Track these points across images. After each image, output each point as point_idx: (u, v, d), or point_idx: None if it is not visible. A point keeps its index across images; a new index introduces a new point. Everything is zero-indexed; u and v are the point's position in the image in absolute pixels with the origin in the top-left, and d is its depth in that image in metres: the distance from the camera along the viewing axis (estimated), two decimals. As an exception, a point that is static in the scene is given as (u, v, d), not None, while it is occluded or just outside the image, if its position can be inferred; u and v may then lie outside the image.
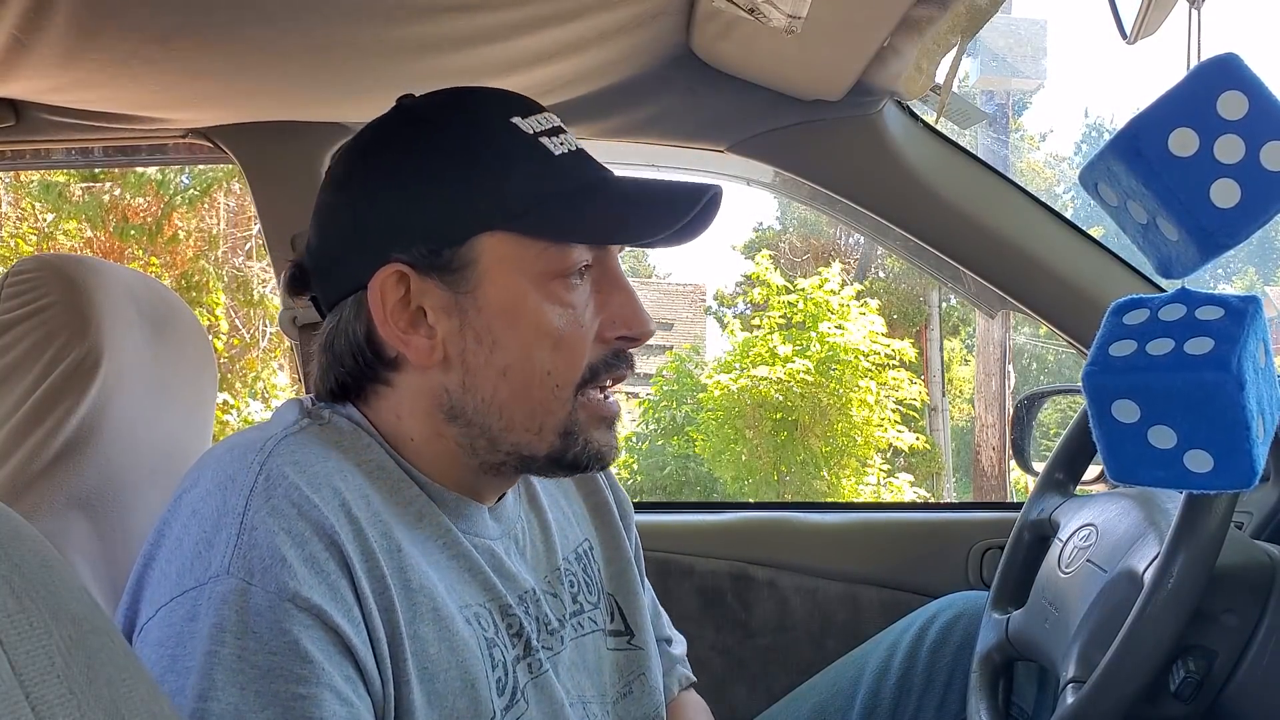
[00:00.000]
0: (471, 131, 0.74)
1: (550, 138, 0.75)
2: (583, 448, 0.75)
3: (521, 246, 0.71)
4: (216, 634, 0.60)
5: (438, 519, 0.74)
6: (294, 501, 0.65)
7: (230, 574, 0.62)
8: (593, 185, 0.74)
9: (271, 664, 0.60)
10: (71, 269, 0.87)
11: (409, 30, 1.00)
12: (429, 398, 0.74)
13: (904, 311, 11.11)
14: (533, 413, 0.73)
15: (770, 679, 1.43)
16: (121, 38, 0.97)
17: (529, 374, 0.72)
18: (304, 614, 0.62)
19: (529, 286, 0.72)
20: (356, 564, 0.66)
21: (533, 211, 0.72)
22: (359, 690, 0.64)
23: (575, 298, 0.73)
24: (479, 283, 0.72)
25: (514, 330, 0.72)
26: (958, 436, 12.45)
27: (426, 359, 0.72)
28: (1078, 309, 1.27)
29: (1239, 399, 0.62)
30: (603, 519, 0.93)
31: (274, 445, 0.69)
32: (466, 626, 0.71)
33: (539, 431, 0.74)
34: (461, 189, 0.72)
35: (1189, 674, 0.79)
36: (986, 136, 10.89)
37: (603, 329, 0.75)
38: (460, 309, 0.72)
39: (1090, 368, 0.68)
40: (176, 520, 0.67)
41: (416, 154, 0.73)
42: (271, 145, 1.39)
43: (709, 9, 1.07)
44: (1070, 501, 1.09)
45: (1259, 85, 0.62)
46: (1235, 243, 0.63)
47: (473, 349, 0.72)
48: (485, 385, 0.72)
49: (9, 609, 0.40)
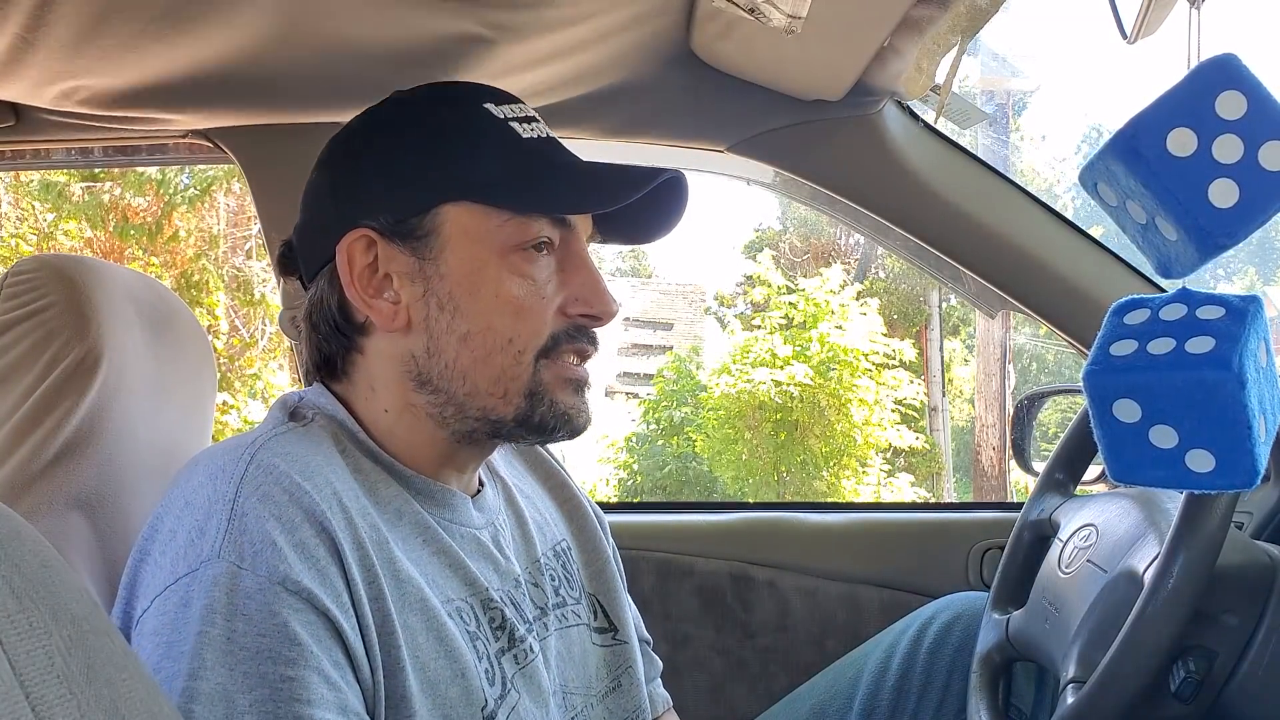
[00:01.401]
0: (444, 110, 0.78)
1: (521, 124, 0.79)
2: (549, 408, 0.77)
3: (484, 217, 0.75)
4: (207, 615, 0.62)
5: (417, 515, 0.76)
6: (285, 488, 0.67)
7: (221, 558, 0.63)
8: (556, 164, 0.78)
9: (260, 645, 0.61)
10: (71, 269, 0.87)
11: (409, 30, 1.00)
12: (398, 364, 0.77)
13: (904, 311, 11.10)
14: (496, 378, 0.76)
15: (770, 679, 1.43)
16: (120, 38, 0.97)
17: (490, 340, 0.75)
18: (294, 597, 0.63)
19: (490, 256, 0.75)
20: (347, 551, 0.67)
21: (496, 184, 0.75)
22: (347, 676, 0.65)
23: (535, 271, 0.76)
24: (441, 250, 0.75)
25: (474, 298, 0.75)
26: (958, 436, 12.45)
27: (390, 323, 0.76)
28: (1078, 309, 1.27)
29: (1240, 398, 0.62)
30: (578, 524, 0.96)
31: (264, 441, 0.71)
32: (450, 620, 0.72)
33: (504, 395, 0.76)
34: (428, 161, 0.76)
35: (1189, 674, 0.79)
36: (986, 136, 10.89)
37: (565, 304, 0.77)
38: (424, 275, 0.75)
39: (1091, 367, 0.68)
40: (169, 514, 0.68)
41: (391, 132, 0.79)
42: (271, 145, 1.39)
43: (709, 9, 1.07)
44: (1070, 501, 1.09)
45: (1257, 85, 0.62)
46: (1234, 243, 0.63)
47: (435, 315, 0.75)
48: (448, 350, 0.75)
49: (9, 609, 0.40)
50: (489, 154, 0.76)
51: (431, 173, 0.76)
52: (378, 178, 0.77)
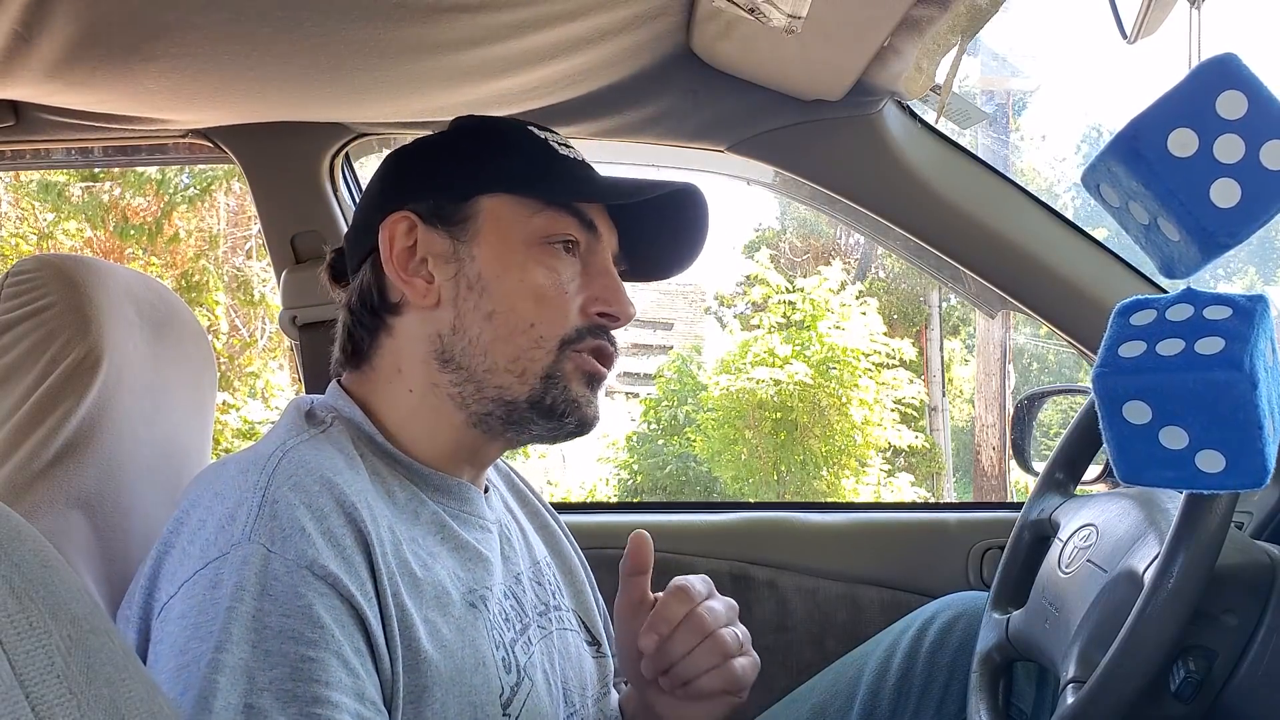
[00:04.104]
0: (489, 124, 0.88)
1: (559, 146, 0.87)
2: (562, 392, 0.81)
3: (517, 208, 0.82)
4: (237, 593, 0.63)
5: (433, 512, 0.79)
6: (317, 479, 0.70)
7: (252, 540, 0.65)
8: (586, 170, 0.86)
9: (284, 625, 0.63)
10: (71, 269, 0.87)
11: (409, 30, 1.00)
12: (425, 343, 0.82)
13: (904, 311, 11.10)
14: (516, 357, 0.80)
15: (770, 679, 1.42)
16: (121, 38, 0.97)
17: (513, 322, 0.80)
18: (320, 581, 0.65)
19: (519, 244, 0.82)
20: (374, 543, 0.69)
21: (530, 180, 0.83)
22: (367, 665, 0.66)
23: (560, 266, 0.82)
24: (475, 235, 0.82)
25: (501, 280, 0.81)
26: (958, 436, 12.44)
27: (423, 299, 0.82)
28: (1078, 309, 1.27)
29: (1252, 398, 0.61)
30: (553, 546, 1.00)
31: (293, 442, 0.74)
32: (470, 611, 0.75)
33: (521, 375, 0.81)
34: (470, 158, 0.85)
35: (1189, 674, 0.79)
36: (986, 136, 10.89)
37: (586, 304, 0.83)
38: (458, 257, 0.82)
39: (1100, 369, 0.67)
40: (198, 507, 0.70)
41: (440, 141, 0.88)
42: (271, 145, 1.39)
43: (709, 9, 1.07)
44: (1070, 501, 1.09)
45: (1258, 85, 0.62)
46: (1236, 242, 0.63)
47: (464, 294, 0.81)
48: (473, 327, 0.81)
49: (9, 609, 0.40)
50: (526, 156, 0.84)
51: (473, 166, 0.84)
52: (423, 172, 0.85)
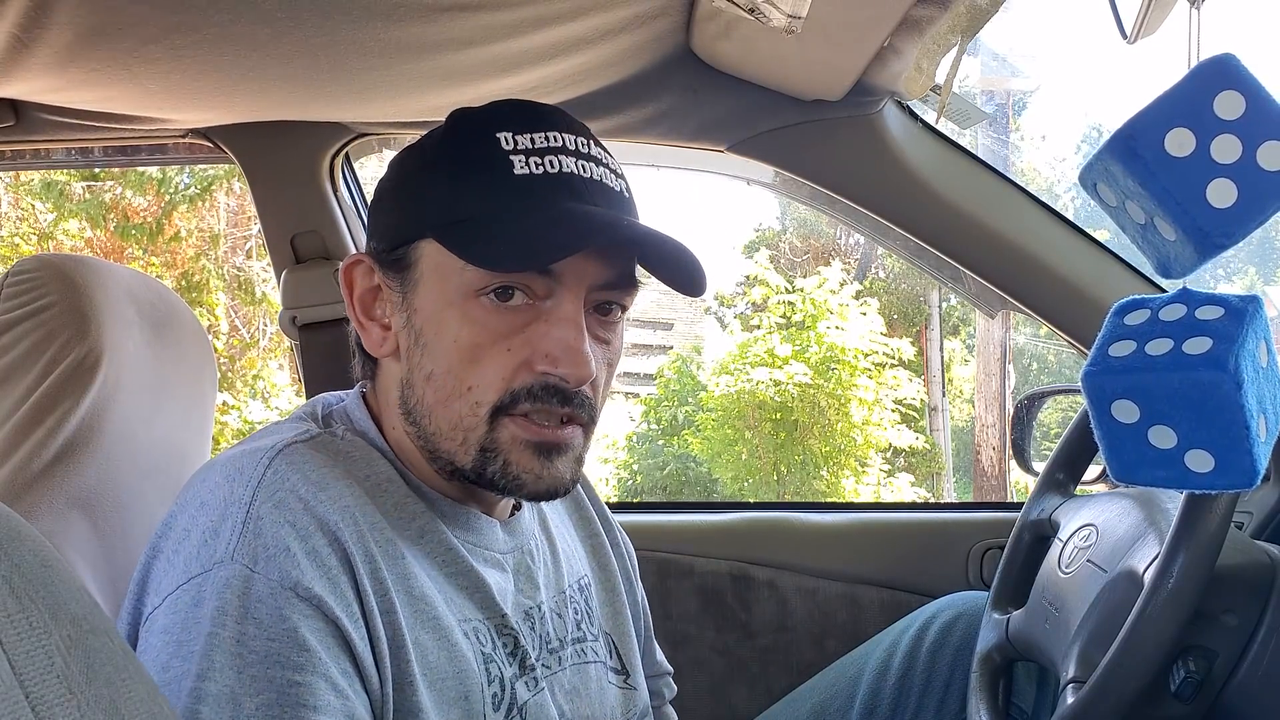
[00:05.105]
0: (450, 139, 0.75)
1: (529, 156, 0.72)
2: (500, 469, 0.72)
3: (447, 258, 0.72)
4: (218, 617, 0.62)
5: (441, 536, 0.75)
6: (300, 497, 0.67)
7: (234, 560, 0.63)
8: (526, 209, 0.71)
9: (269, 649, 0.61)
10: (71, 269, 0.87)
11: (409, 30, 1.00)
12: (395, 388, 0.77)
13: (904, 311, 11.09)
14: (455, 424, 0.73)
15: (770, 679, 1.43)
16: (121, 37, 0.97)
17: (449, 384, 0.72)
18: (304, 603, 0.63)
19: (454, 297, 0.72)
20: (359, 563, 0.67)
21: (457, 226, 0.71)
22: (355, 685, 0.64)
23: (496, 320, 0.71)
24: (417, 285, 0.74)
25: (437, 338, 0.73)
26: (958, 436, 12.43)
27: (378, 347, 0.77)
28: (1078, 309, 1.27)
29: (1237, 398, 0.62)
30: (600, 561, 0.94)
31: (284, 446, 0.71)
32: (464, 640, 0.72)
33: (462, 444, 0.73)
34: (417, 193, 0.75)
35: (1189, 674, 0.79)
36: (986, 136, 10.88)
37: (532, 359, 0.71)
38: (407, 307, 0.75)
39: (1089, 368, 0.68)
40: (184, 513, 0.68)
41: (406, 160, 0.78)
42: (271, 145, 1.39)
43: (709, 9, 1.07)
44: (1070, 501, 1.09)
45: (1256, 85, 0.62)
46: (1232, 243, 0.63)
47: (412, 348, 0.75)
48: (418, 385, 0.74)
49: (9, 609, 0.40)
50: (471, 192, 0.72)
51: (418, 206, 0.74)
52: (383, 207, 0.78)
